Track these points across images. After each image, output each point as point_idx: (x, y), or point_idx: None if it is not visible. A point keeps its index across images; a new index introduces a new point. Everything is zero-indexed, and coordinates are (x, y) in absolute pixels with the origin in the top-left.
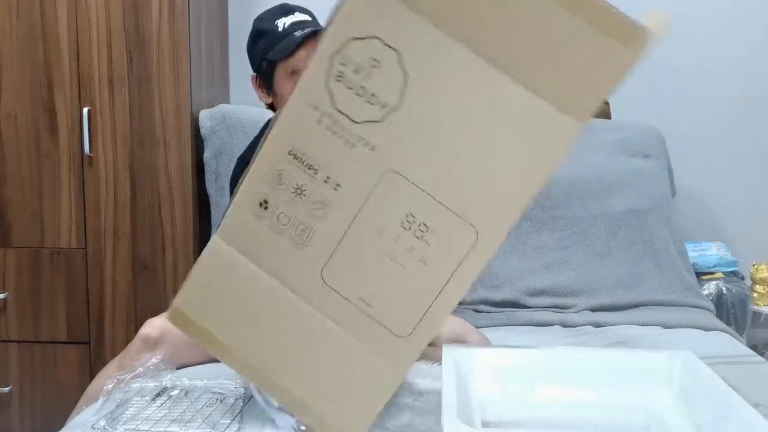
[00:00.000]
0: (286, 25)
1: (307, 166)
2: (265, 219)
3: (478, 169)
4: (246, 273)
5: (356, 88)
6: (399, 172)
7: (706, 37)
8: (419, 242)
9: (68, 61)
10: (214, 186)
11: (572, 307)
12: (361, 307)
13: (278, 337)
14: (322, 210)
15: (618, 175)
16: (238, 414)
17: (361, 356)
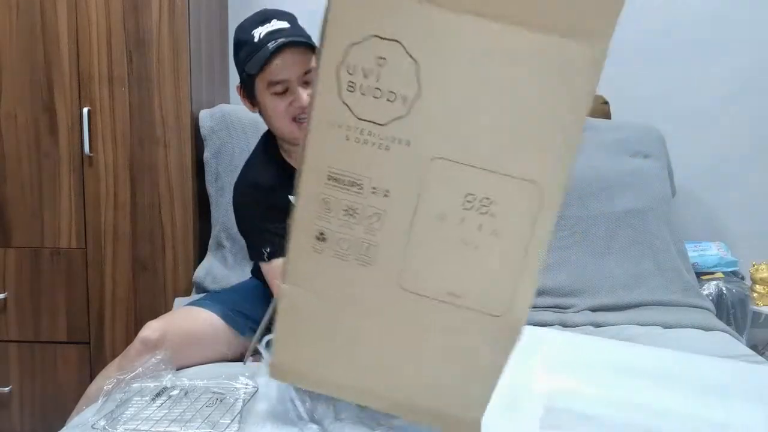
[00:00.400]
0: (261, 35)
1: (350, 184)
2: (326, 250)
3: (517, 124)
4: (326, 308)
5: (371, 91)
6: (442, 156)
7: (706, 37)
8: (486, 217)
9: (68, 61)
10: (214, 186)
11: (572, 307)
12: (451, 301)
13: (380, 356)
14: (379, 221)
15: (618, 175)
16: (238, 414)
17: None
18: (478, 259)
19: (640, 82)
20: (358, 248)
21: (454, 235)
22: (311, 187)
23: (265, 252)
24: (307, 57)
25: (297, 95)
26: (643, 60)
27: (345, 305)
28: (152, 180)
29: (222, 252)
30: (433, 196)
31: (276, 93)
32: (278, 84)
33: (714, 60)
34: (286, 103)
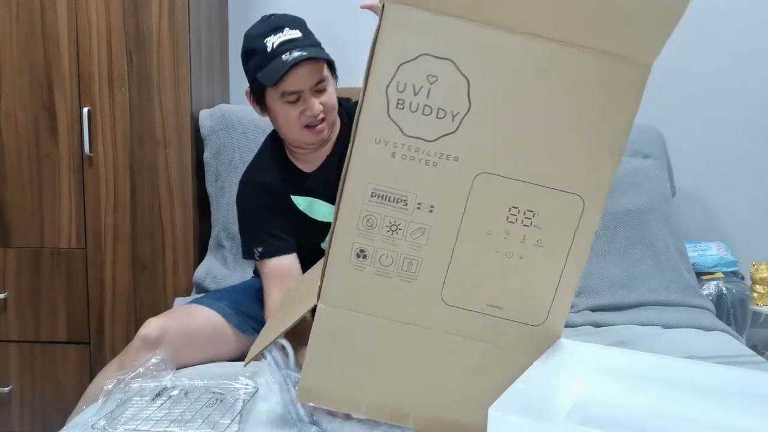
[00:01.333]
0: (274, 45)
1: (395, 201)
2: (367, 267)
3: (562, 139)
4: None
5: (421, 108)
6: (489, 171)
7: (706, 37)
8: (530, 229)
9: (68, 61)
10: (214, 186)
11: (572, 307)
12: (492, 313)
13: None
14: (423, 236)
15: (618, 175)
16: (237, 414)
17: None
18: (521, 271)
19: None
20: (401, 264)
21: (498, 248)
22: (353, 204)
23: (257, 251)
24: (320, 67)
25: (309, 104)
26: None
27: (385, 323)
28: (152, 180)
29: (222, 252)
30: (479, 210)
31: (289, 102)
32: (292, 94)
33: (715, 60)
34: (298, 112)
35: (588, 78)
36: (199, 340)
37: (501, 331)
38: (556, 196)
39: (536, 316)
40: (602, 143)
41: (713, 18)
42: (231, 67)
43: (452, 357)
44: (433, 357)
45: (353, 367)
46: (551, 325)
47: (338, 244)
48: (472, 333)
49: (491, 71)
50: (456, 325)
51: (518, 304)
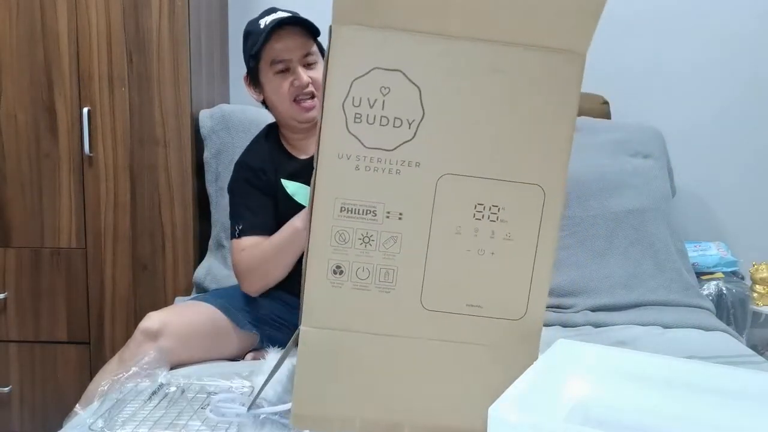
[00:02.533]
0: (267, 22)
1: (364, 212)
2: (345, 283)
3: (516, 133)
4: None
5: (378, 120)
6: (450, 172)
7: (706, 37)
8: (497, 224)
9: (68, 61)
10: (214, 186)
11: (572, 307)
12: (472, 313)
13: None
14: (396, 244)
15: (618, 175)
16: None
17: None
18: (494, 267)
19: (640, 82)
20: (378, 276)
21: (469, 246)
22: (324, 221)
23: (237, 228)
24: (307, 39)
25: (297, 74)
26: (643, 60)
27: (369, 336)
28: (152, 180)
29: (222, 252)
30: (446, 211)
31: (278, 72)
32: (280, 62)
33: (715, 60)
34: (288, 83)
35: (533, 73)
36: (199, 333)
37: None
38: (517, 188)
39: (515, 310)
40: (554, 133)
41: (713, 18)
42: (231, 67)
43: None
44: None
45: (343, 386)
46: (531, 318)
47: (314, 262)
48: (456, 335)
49: (440, 77)
50: (439, 330)
51: (496, 300)
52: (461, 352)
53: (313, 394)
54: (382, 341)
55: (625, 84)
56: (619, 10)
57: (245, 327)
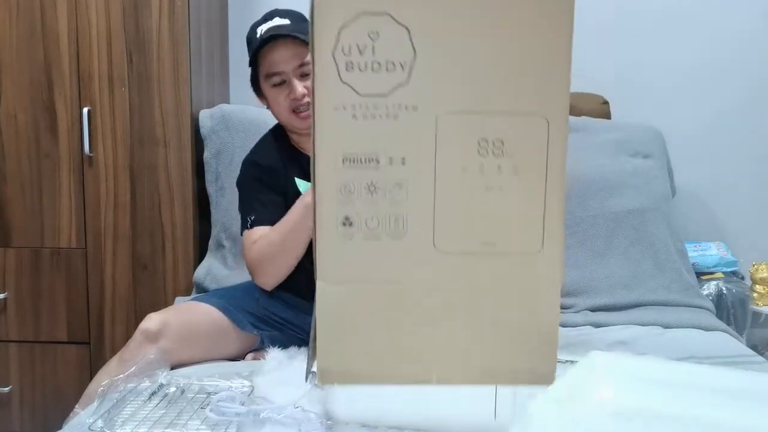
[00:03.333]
0: (262, 31)
1: (367, 161)
2: (355, 234)
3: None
4: (366, 295)
5: (369, 66)
6: (449, 110)
7: (707, 37)
8: (503, 159)
9: (68, 61)
10: (214, 186)
11: (572, 307)
12: (488, 251)
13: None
14: (402, 190)
15: (618, 175)
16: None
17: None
18: (504, 202)
19: (640, 82)
20: (388, 223)
21: (477, 184)
22: (328, 175)
23: (250, 219)
24: (302, 50)
25: (293, 87)
26: (643, 60)
27: (385, 286)
28: (152, 180)
29: (222, 252)
30: (448, 151)
31: (274, 84)
32: (275, 75)
33: (715, 60)
34: (284, 95)
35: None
36: (199, 334)
37: (501, 268)
38: (520, 120)
39: (531, 245)
40: (552, 60)
41: (714, 18)
42: (231, 67)
43: (459, 305)
44: (441, 309)
45: (365, 339)
46: (549, 251)
47: (322, 217)
48: (473, 275)
49: (428, 13)
50: (455, 272)
51: (510, 235)
52: (480, 292)
53: (336, 349)
54: (399, 289)
55: (625, 84)
56: (619, 10)
57: (245, 327)
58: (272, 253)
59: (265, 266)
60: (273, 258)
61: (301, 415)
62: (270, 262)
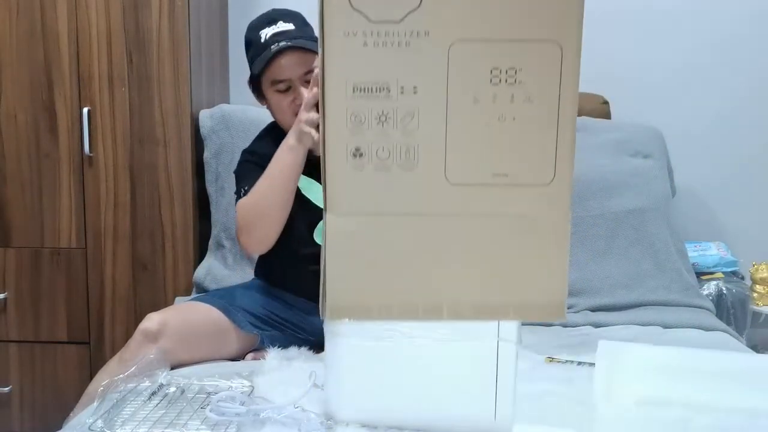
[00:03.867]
0: (267, 36)
1: (377, 90)
2: (366, 165)
3: None
4: (377, 227)
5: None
6: (461, 37)
7: (707, 37)
8: (515, 87)
9: (68, 61)
10: (214, 186)
11: (572, 307)
12: (499, 182)
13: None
14: (414, 120)
15: (618, 175)
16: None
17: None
18: (517, 132)
19: (640, 82)
20: (399, 154)
21: (489, 114)
22: (338, 104)
23: (243, 190)
24: (309, 58)
25: (299, 93)
26: (643, 60)
27: (396, 218)
28: (152, 180)
29: (222, 252)
30: (461, 79)
31: (279, 90)
32: (281, 83)
33: (715, 60)
34: (289, 100)
35: None
36: (199, 334)
37: (512, 198)
38: (533, 47)
39: (543, 175)
40: None
41: (714, 18)
42: (231, 67)
43: (470, 237)
44: (452, 242)
45: (376, 272)
46: (560, 181)
47: (332, 149)
48: (485, 207)
49: None
50: (467, 204)
51: (522, 166)
52: (491, 225)
53: (347, 284)
54: (410, 222)
55: (625, 84)
56: (620, 9)
57: (245, 327)
58: (256, 208)
59: (248, 226)
60: (257, 214)
61: (301, 415)
62: (254, 220)
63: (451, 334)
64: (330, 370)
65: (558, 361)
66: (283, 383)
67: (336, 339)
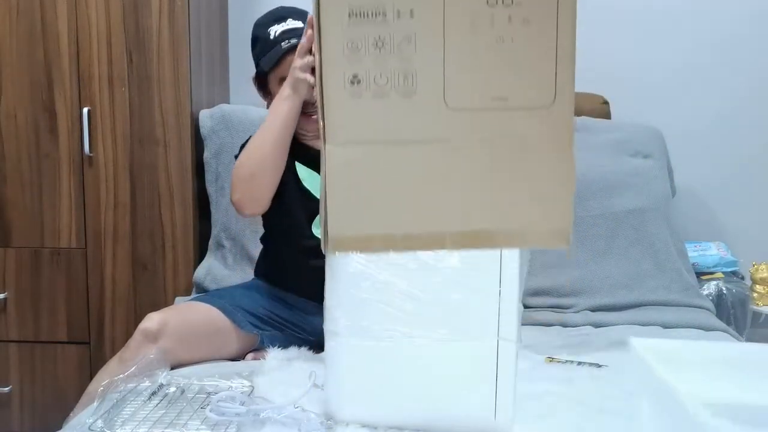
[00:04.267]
0: (276, 33)
1: (373, 14)
2: (364, 92)
3: None
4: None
5: None
6: None
7: (706, 37)
8: (513, 8)
9: (68, 61)
10: (214, 186)
11: (572, 307)
12: (500, 106)
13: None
14: (411, 45)
15: (618, 175)
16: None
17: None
18: (515, 54)
19: (640, 82)
20: (397, 80)
21: (487, 36)
22: (334, 30)
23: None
24: None
25: None
26: (643, 60)
27: (396, 145)
28: (152, 180)
29: (222, 252)
30: (457, 1)
31: None
32: None
33: (715, 60)
34: None
35: None
36: (199, 334)
37: (513, 123)
38: None
39: (543, 97)
40: None
41: (714, 18)
42: (231, 67)
43: (471, 164)
44: (453, 169)
45: (378, 202)
46: (561, 103)
47: (329, 78)
48: (484, 132)
49: None
50: (467, 129)
51: (522, 89)
52: (492, 150)
53: (348, 216)
54: (410, 149)
55: (625, 84)
56: (620, 9)
57: (245, 327)
58: (251, 158)
59: (243, 176)
60: (252, 164)
61: (301, 415)
62: (250, 168)
63: (451, 334)
64: (330, 370)
65: (558, 361)
66: (283, 383)
67: (336, 339)
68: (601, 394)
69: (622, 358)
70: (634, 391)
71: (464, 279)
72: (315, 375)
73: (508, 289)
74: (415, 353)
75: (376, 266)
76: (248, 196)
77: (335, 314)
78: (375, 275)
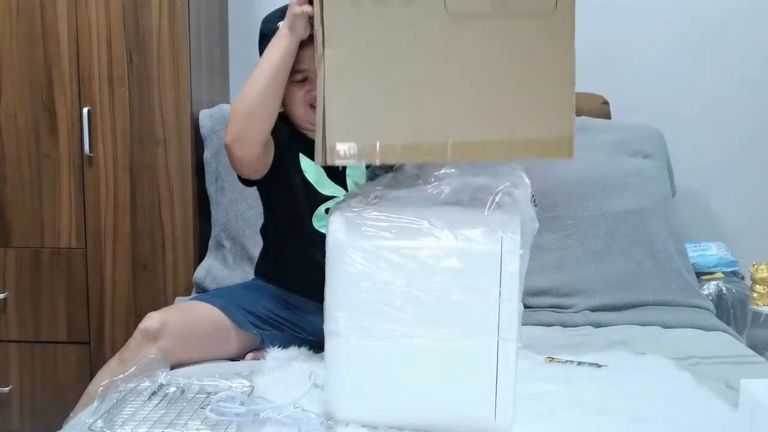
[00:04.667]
0: None
1: None
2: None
3: None
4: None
5: None
6: None
7: (706, 37)
8: None
9: (68, 61)
10: (214, 186)
11: (572, 307)
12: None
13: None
14: None
15: (618, 175)
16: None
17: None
18: None
19: (640, 82)
20: None
21: None
22: None
23: None
24: None
25: (315, 84)
26: (643, 60)
27: (397, 53)
28: (152, 180)
29: (222, 252)
30: None
31: (295, 81)
32: (299, 73)
33: (715, 60)
34: (304, 91)
35: None
36: (199, 333)
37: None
38: None
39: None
40: None
41: (714, 18)
42: (231, 67)
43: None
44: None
45: (378, 112)
46: (563, 11)
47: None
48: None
49: None
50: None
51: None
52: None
53: (348, 126)
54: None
55: (625, 84)
56: (620, 9)
57: (245, 327)
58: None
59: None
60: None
61: (301, 415)
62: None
63: (451, 334)
64: (330, 370)
65: (558, 361)
66: (283, 383)
67: (336, 339)
68: (601, 394)
69: (622, 358)
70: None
71: (464, 279)
72: (315, 375)
73: (508, 289)
74: (415, 353)
75: (376, 266)
76: (240, 137)
77: (335, 314)
78: (375, 275)
